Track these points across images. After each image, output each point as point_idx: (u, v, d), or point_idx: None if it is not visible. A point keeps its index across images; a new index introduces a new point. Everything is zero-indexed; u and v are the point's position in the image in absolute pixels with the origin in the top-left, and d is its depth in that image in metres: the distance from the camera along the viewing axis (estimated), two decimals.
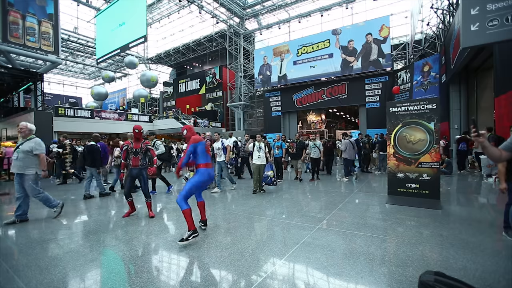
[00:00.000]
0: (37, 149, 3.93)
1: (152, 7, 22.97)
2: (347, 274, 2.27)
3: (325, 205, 4.75)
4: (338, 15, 18.27)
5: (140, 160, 4.15)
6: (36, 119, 10.88)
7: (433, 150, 4.56)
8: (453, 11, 10.95)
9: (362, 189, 6.25)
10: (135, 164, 4.14)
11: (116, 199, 5.70)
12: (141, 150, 4.17)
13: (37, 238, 3.33)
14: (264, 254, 2.73)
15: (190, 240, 2.95)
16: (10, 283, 2.25)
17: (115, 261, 2.67)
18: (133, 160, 4.14)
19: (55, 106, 16.57)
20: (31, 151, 3.88)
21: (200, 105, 25.30)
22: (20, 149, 3.88)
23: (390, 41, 14.82)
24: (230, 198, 5.65)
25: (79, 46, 26.14)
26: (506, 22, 5.59)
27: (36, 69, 15.40)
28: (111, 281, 2.25)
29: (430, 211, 4.10)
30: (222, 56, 23.54)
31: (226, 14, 20.59)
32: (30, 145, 3.89)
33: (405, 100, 7.39)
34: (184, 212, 3.01)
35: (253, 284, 2.16)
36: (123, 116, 19.28)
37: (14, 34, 12.26)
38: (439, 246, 2.82)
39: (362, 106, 16.50)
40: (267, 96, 20.15)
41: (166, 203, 5.25)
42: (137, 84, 28.57)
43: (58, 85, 35.17)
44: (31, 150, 3.88)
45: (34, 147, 3.91)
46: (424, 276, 1.51)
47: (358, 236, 3.16)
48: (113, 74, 27.31)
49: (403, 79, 14.61)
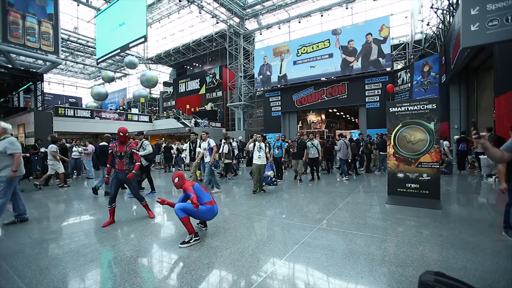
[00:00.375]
0: (11, 149, 3.72)
1: (152, 7, 22.96)
2: (347, 274, 2.28)
3: (325, 205, 4.74)
4: (338, 15, 18.28)
5: (126, 165, 3.98)
6: (36, 119, 10.88)
7: (433, 150, 4.56)
8: (453, 11, 10.95)
9: (362, 189, 6.25)
10: (121, 168, 3.97)
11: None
12: (126, 154, 3.98)
13: (37, 238, 3.33)
14: (264, 254, 2.73)
15: (192, 243, 2.97)
16: (10, 283, 2.25)
17: (115, 261, 2.67)
18: (118, 164, 3.97)
19: (55, 106, 16.60)
20: (5, 151, 3.68)
21: (200, 105, 25.30)
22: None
23: (390, 41, 14.81)
24: (230, 198, 5.65)
25: (79, 46, 26.13)
26: (506, 22, 5.58)
27: (36, 69, 15.39)
28: (111, 281, 2.25)
29: (430, 211, 4.10)
30: (222, 56, 23.54)
31: (226, 14, 20.59)
32: (3, 145, 3.69)
33: (405, 100, 7.40)
34: (182, 220, 3.00)
35: (253, 284, 2.16)
36: (123, 116, 19.29)
37: (14, 34, 12.25)
38: (439, 246, 2.82)
39: (362, 106, 16.50)
40: (267, 96, 20.15)
41: None
42: (137, 84, 28.57)
43: (58, 85, 35.18)
44: (5, 151, 3.68)
45: (8, 147, 3.70)
46: (424, 276, 1.51)
47: (358, 236, 3.16)
48: (113, 74, 27.31)
49: (403, 79, 14.61)
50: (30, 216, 4.16)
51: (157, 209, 4.75)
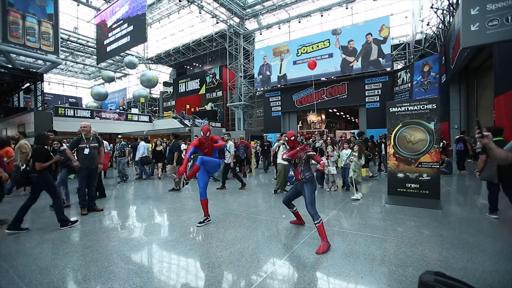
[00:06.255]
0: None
1: (152, 7, 22.97)
2: (347, 274, 2.28)
3: (325, 205, 4.74)
4: (338, 15, 18.28)
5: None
6: (36, 119, 10.88)
7: (433, 150, 4.56)
8: (453, 11, 10.95)
9: (362, 189, 6.24)
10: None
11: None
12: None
13: (37, 238, 3.33)
14: (264, 254, 2.73)
15: (206, 223, 3.69)
16: (10, 283, 2.25)
17: (115, 261, 2.67)
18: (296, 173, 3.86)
19: (55, 106, 16.57)
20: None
21: (200, 105, 25.30)
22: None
23: (390, 41, 14.81)
24: (230, 198, 5.65)
25: (79, 46, 26.14)
26: (506, 22, 5.58)
27: (36, 69, 15.39)
28: (111, 281, 2.25)
29: (430, 211, 4.10)
30: (222, 56, 23.53)
31: (226, 14, 20.58)
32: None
33: (405, 100, 7.40)
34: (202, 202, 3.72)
35: (253, 284, 2.16)
36: (123, 116, 19.28)
37: (14, 34, 12.26)
38: (439, 246, 2.82)
39: (362, 106, 16.50)
40: (267, 96, 20.15)
41: (170, 203, 5.25)
42: (137, 84, 28.56)
43: (58, 85, 35.20)
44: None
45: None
46: (424, 276, 1.51)
47: (358, 236, 3.16)
48: (113, 74, 27.32)
49: (403, 79, 14.61)
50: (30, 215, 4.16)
51: (158, 209, 4.75)
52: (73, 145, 4.43)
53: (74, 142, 4.43)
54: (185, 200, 5.50)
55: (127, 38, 17.44)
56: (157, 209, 4.79)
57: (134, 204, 5.25)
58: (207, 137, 3.79)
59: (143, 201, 5.42)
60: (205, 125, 4.14)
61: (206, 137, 3.78)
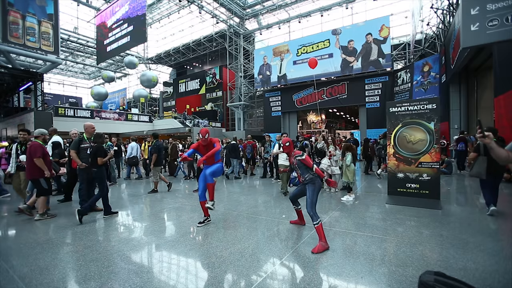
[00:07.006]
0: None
1: (152, 7, 22.96)
2: (347, 274, 2.28)
3: (325, 205, 4.74)
4: (338, 15, 18.27)
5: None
6: (36, 119, 10.88)
7: (433, 150, 4.56)
8: (453, 11, 10.95)
9: (362, 189, 6.25)
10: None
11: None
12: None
13: (37, 238, 3.33)
14: (264, 254, 2.73)
15: (206, 223, 3.70)
16: (10, 283, 2.25)
17: (115, 261, 2.67)
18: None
19: (55, 106, 16.59)
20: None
21: (200, 105, 25.30)
22: None
23: (390, 41, 14.81)
24: (230, 198, 5.65)
25: (79, 46, 26.13)
26: (506, 22, 5.59)
27: (36, 69, 15.40)
28: (111, 281, 2.25)
29: (430, 211, 4.10)
30: (222, 56, 23.53)
31: (226, 14, 20.58)
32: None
33: (405, 100, 7.40)
34: (208, 186, 3.82)
35: (253, 284, 2.16)
36: (123, 116, 19.29)
37: (14, 34, 12.25)
38: (439, 246, 2.82)
39: (362, 106, 16.49)
40: (267, 96, 20.15)
41: (170, 203, 5.25)
42: (137, 84, 28.56)
43: (58, 85, 35.18)
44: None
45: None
46: (424, 276, 1.50)
47: (358, 236, 3.16)
48: (113, 74, 27.31)
49: (403, 79, 14.61)
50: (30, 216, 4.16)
51: (158, 209, 4.75)
52: (75, 146, 4.45)
53: (76, 143, 4.45)
54: (185, 200, 5.50)
55: (127, 38, 17.45)
56: (157, 209, 4.79)
57: (134, 204, 5.25)
58: (206, 139, 3.79)
59: (142, 201, 5.42)
60: (203, 128, 4.17)
61: (205, 139, 3.79)
